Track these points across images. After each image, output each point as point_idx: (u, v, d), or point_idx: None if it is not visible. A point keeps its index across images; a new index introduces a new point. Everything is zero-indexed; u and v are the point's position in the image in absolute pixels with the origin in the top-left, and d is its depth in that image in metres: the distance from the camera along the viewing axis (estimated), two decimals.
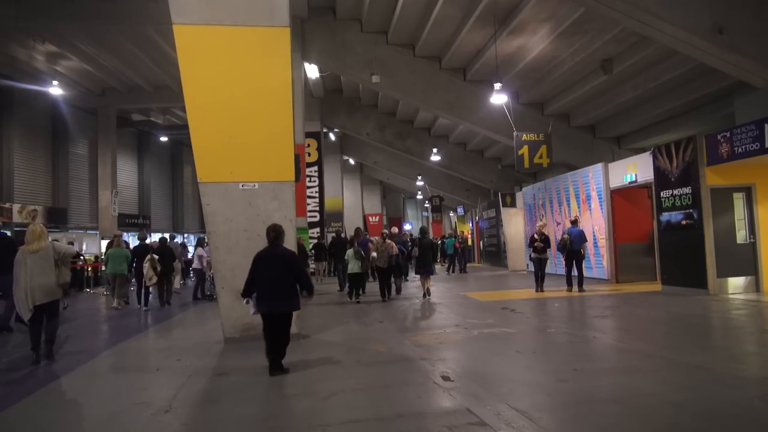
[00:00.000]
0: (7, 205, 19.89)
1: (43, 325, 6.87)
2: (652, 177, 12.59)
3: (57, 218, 22.34)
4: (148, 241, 14.05)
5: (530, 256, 13.44)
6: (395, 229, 17.68)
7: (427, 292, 12.71)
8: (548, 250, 13.29)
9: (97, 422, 4.60)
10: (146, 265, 12.12)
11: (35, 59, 18.18)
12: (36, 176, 22.40)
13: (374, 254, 12.43)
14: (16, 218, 19.56)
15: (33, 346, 6.82)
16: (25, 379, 6.25)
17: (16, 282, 6.69)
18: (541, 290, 12.92)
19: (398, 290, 13.85)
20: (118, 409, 4.87)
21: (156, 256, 12.45)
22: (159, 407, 4.79)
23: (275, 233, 6.20)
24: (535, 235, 13.19)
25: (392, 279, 13.27)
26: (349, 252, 12.65)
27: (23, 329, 8.01)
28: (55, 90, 18.89)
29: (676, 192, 11.72)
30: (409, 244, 15.54)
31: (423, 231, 13.93)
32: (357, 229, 15.14)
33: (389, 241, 12.93)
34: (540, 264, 13.05)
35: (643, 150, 14.80)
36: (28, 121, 21.61)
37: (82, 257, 17.85)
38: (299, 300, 6.17)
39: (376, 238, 14.14)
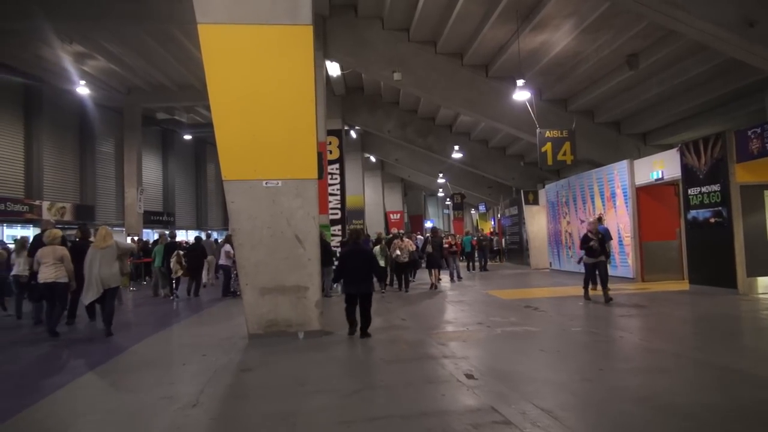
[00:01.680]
0: (36, 203, 20.38)
1: (102, 306, 8.40)
2: (680, 174, 12.36)
3: (84, 215, 22.82)
4: (178, 239, 14.83)
5: (581, 259, 11.27)
6: (394, 229, 18.94)
7: (436, 284, 14.45)
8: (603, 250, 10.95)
9: (127, 415, 4.69)
10: (173, 260, 13.29)
11: (63, 59, 18.56)
12: (64, 174, 22.93)
13: (398, 251, 13.92)
14: (46, 215, 20.02)
15: (104, 319, 8.38)
16: (57, 370, 6.41)
17: (88, 272, 8.16)
18: (607, 297, 10.53)
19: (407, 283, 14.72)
20: (146, 403, 4.96)
21: (181, 252, 13.56)
22: (186, 402, 4.86)
23: (356, 234, 8.46)
24: (590, 234, 10.99)
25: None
26: (376, 249, 13.73)
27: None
28: (83, 89, 19.29)
29: (704, 189, 11.49)
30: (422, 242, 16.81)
31: (434, 231, 15.96)
32: (359, 230, 16.58)
33: (408, 240, 14.84)
34: (597, 268, 10.90)
35: (669, 146, 14.52)
36: (56, 121, 22.12)
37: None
38: (373, 284, 8.06)
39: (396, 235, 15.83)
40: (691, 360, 6.06)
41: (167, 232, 16.10)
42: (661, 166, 13.57)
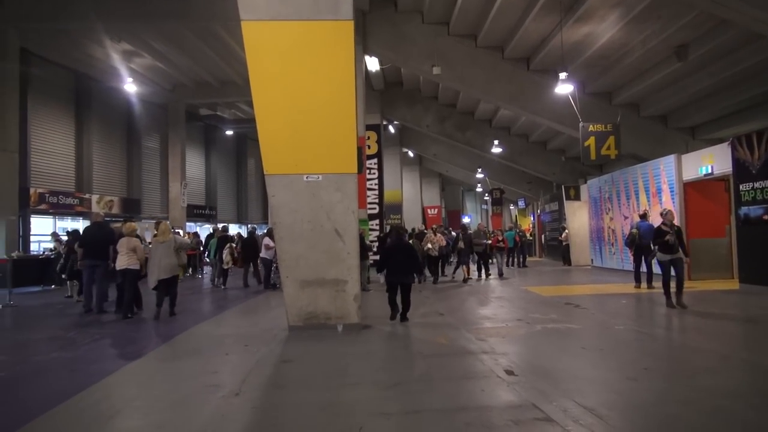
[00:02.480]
0: (86, 196, 21.16)
1: (165, 292, 9.36)
2: (731, 169, 11.91)
3: (131, 208, 23.57)
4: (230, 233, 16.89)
5: (655, 257, 9.64)
6: (421, 225, 19.85)
7: (468, 277, 15.12)
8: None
9: (173, 402, 4.84)
10: (225, 252, 14.52)
11: (112, 58, 19.20)
12: (112, 168, 23.71)
13: (429, 245, 14.70)
14: (95, 208, 20.76)
15: (157, 304, 9.34)
16: (108, 356, 6.66)
17: (152, 262, 9.31)
18: (682, 304, 9.10)
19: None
20: (191, 391, 5.10)
21: (233, 245, 14.78)
22: (229, 390, 4.98)
23: (401, 231, 9.45)
24: (663, 226, 9.27)
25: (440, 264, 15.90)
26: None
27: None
28: (130, 87, 19.89)
29: (757, 185, 11.03)
30: (452, 237, 17.39)
31: (464, 228, 16.41)
32: (401, 226, 17.81)
33: (439, 235, 15.75)
34: (675, 267, 9.26)
35: (720, 141, 13.98)
36: (105, 117, 22.88)
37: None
38: (414, 275, 8.98)
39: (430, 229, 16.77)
40: (740, 362, 5.86)
41: (221, 227, 17.30)
42: (710, 161, 13.10)
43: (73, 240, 13.01)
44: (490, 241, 16.92)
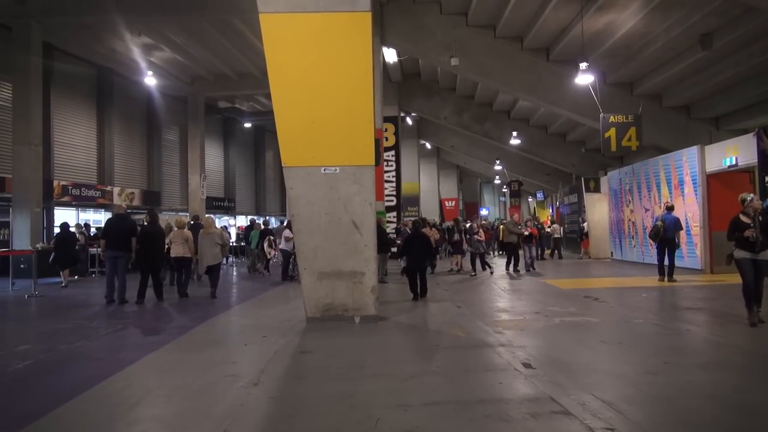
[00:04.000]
0: (108, 188, 21.48)
1: (209, 277, 10.92)
2: (756, 160, 11.66)
3: (151, 200, 23.87)
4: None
5: (731, 257, 7.69)
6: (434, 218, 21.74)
7: (457, 268, 15.81)
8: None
9: (193, 391, 4.90)
10: (265, 243, 16.05)
11: (133, 51, 19.39)
12: (133, 161, 24.03)
13: None
14: (117, 200, 21.07)
15: (212, 285, 10.82)
16: (130, 347, 6.78)
17: (200, 251, 10.66)
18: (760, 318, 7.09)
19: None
20: (211, 380, 5.17)
21: (272, 237, 16.19)
22: (248, 380, 5.04)
23: (417, 223, 11.17)
24: (743, 217, 7.48)
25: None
26: None
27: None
28: (150, 80, 20.09)
29: None
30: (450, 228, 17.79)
31: (456, 221, 17.25)
32: (416, 220, 19.03)
33: (434, 229, 16.88)
34: (758, 269, 7.34)
35: (745, 131, 13.69)
36: (126, 110, 23.17)
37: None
38: (429, 261, 11.23)
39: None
40: (764, 357, 5.75)
41: (262, 221, 18.44)
42: (735, 152, 12.84)
43: (63, 233, 13.39)
44: (527, 232, 16.32)
